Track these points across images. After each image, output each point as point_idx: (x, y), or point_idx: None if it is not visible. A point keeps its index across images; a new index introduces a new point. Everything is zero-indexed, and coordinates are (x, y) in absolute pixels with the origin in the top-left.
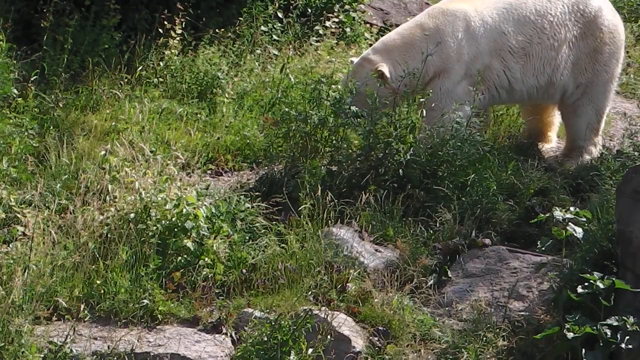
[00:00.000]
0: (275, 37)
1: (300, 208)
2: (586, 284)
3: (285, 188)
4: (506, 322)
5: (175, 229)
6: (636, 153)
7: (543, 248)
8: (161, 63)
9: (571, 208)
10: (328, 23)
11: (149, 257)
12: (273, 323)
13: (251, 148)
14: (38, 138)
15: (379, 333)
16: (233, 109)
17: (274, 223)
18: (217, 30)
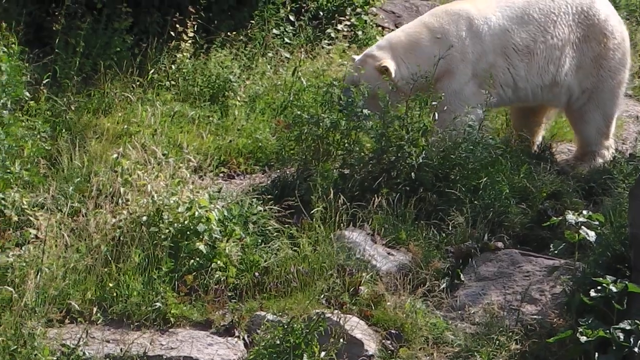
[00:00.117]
0: (287, 40)
1: (312, 211)
2: (599, 288)
3: (297, 191)
4: (519, 326)
5: (187, 232)
6: None
7: (556, 251)
8: (173, 66)
9: (584, 211)
10: (340, 26)
11: (162, 260)
12: (285, 326)
13: (263, 151)
14: (50, 141)
15: (392, 336)
16: (245, 112)
17: (286, 226)
18: (229, 33)
